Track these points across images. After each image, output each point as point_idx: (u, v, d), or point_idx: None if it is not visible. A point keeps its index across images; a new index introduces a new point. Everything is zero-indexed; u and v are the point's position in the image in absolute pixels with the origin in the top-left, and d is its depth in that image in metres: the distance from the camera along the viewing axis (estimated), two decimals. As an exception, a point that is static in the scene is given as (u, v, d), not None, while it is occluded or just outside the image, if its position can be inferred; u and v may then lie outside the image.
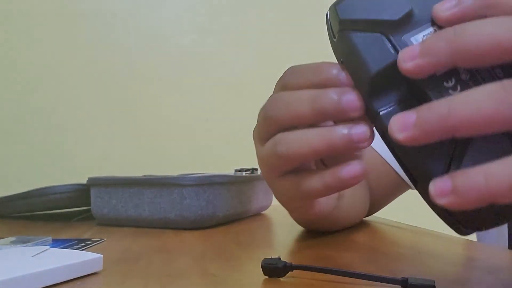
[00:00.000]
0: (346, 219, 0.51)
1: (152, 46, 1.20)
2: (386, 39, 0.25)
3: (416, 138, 0.21)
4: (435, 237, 0.48)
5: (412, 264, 0.34)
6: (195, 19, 1.23)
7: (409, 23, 0.25)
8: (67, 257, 0.30)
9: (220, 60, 1.22)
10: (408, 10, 0.25)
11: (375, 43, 0.25)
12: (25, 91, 1.15)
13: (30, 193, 0.61)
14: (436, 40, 0.22)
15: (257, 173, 0.67)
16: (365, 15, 0.26)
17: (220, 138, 1.19)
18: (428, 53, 0.22)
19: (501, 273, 0.32)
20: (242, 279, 0.29)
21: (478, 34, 0.21)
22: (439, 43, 0.22)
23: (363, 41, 0.26)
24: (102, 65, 1.18)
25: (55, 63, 1.16)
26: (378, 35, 0.25)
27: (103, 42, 1.18)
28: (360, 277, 0.27)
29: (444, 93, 0.23)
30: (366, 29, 0.26)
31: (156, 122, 1.19)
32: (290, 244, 0.44)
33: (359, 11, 0.26)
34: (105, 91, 1.18)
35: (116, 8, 1.19)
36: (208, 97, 1.21)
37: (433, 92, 0.23)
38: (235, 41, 1.22)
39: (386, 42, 0.25)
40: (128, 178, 0.56)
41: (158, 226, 0.55)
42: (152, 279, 0.30)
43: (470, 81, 0.23)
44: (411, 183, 0.27)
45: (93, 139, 1.16)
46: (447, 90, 0.23)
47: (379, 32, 0.26)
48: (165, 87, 1.20)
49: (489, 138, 0.22)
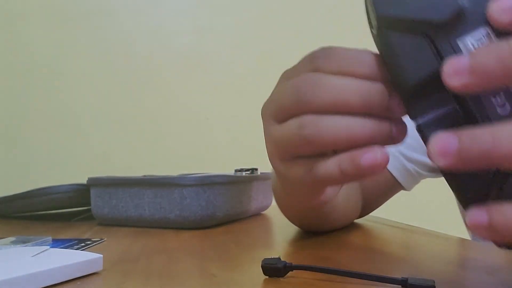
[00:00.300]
0: (339, 219, 0.51)
1: (152, 46, 1.20)
2: (431, 43, 0.22)
3: (456, 166, 0.20)
4: (435, 237, 0.48)
5: (411, 264, 0.34)
6: (195, 19, 1.23)
7: (458, 23, 0.21)
8: (67, 257, 0.30)
9: (220, 60, 1.22)
10: (458, 8, 0.21)
11: (417, 47, 0.22)
12: (25, 91, 1.15)
13: (30, 193, 0.61)
14: (488, 55, 0.19)
15: (257, 173, 0.67)
16: (407, 13, 0.22)
17: (220, 138, 1.19)
18: (479, 71, 0.19)
19: (500, 273, 0.32)
20: (242, 279, 0.29)
21: None
22: (491, 61, 0.19)
23: (403, 44, 0.23)
24: (102, 65, 1.18)
25: (55, 64, 1.16)
26: (421, 38, 0.22)
27: (103, 42, 1.18)
28: (360, 277, 0.27)
29: (490, 112, 0.21)
30: (407, 29, 0.22)
31: (157, 122, 1.19)
32: (290, 244, 0.44)
33: (399, 6, 0.22)
34: (105, 91, 1.18)
35: (116, 8, 1.19)
36: (208, 97, 1.21)
37: (479, 109, 0.21)
38: (235, 41, 1.22)
39: (430, 47, 0.22)
40: (128, 178, 0.56)
41: (158, 226, 0.55)
42: (152, 279, 0.30)
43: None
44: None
45: (93, 139, 1.16)
46: (495, 108, 0.21)
47: (422, 35, 0.22)
48: (166, 87, 1.20)
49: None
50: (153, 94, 1.19)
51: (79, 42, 1.17)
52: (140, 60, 1.20)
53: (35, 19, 1.16)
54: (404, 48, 0.23)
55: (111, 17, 1.19)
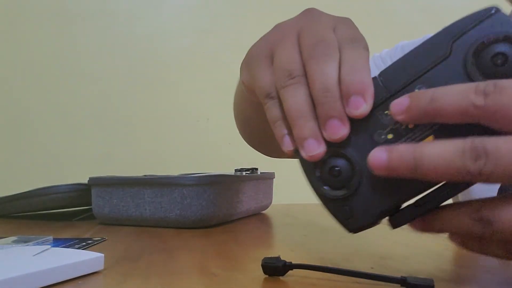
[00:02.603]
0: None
1: (152, 47, 1.20)
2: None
3: (387, 175, 0.25)
4: (434, 236, 0.48)
5: (411, 263, 0.34)
6: (196, 20, 1.23)
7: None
8: (68, 257, 0.31)
9: (221, 61, 1.22)
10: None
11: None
12: (25, 91, 1.15)
13: (31, 193, 0.62)
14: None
15: (257, 173, 0.67)
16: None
17: (221, 138, 1.20)
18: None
19: (499, 272, 0.32)
20: (242, 278, 0.29)
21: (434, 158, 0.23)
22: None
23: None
24: (103, 65, 1.18)
25: (56, 64, 1.16)
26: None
27: (104, 43, 1.19)
28: (359, 276, 0.27)
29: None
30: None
31: (157, 122, 1.19)
32: (289, 243, 0.44)
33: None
34: (106, 91, 1.18)
35: (116, 8, 1.20)
36: (209, 98, 1.21)
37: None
38: (235, 42, 1.22)
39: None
40: (129, 178, 0.56)
41: (159, 226, 0.55)
42: (153, 278, 0.30)
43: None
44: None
45: (94, 139, 1.16)
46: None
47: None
48: (166, 87, 1.20)
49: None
50: (154, 95, 1.19)
51: (79, 43, 1.17)
52: (140, 61, 1.20)
53: (35, 19, 1.16)
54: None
55: (112, 18, 1.19)
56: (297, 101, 0.28)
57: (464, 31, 0.26)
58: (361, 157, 0.27)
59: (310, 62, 0.28)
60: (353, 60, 0.27)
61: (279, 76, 0.29)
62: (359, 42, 0.29)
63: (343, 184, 0.27)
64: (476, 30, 0.25)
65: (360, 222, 0.27)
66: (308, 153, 0.27)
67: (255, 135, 0.55)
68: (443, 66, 0.26)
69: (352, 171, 0.27)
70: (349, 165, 0.27)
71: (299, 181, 1.13)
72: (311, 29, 0.30)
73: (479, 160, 0.21)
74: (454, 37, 0.26)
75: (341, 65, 0.28)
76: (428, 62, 0.26)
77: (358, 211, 0.27)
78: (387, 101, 0.27)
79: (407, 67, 0.27)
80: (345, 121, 0.27)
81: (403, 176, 0.24)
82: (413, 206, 0.26)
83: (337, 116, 0.27)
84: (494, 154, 0.21)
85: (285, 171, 1.00)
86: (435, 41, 0.26)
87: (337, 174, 0.27)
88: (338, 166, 0.27)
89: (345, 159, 0.27)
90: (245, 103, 0.51)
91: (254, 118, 0.51)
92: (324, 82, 0.27)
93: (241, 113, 0.53)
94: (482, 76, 0.25)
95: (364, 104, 0.26)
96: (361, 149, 0.27)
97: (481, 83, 0.23)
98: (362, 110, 0.26)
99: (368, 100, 0.26)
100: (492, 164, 0.21)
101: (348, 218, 0.27)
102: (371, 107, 0.26)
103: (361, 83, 0.26)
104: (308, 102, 0.28)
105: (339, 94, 0.27)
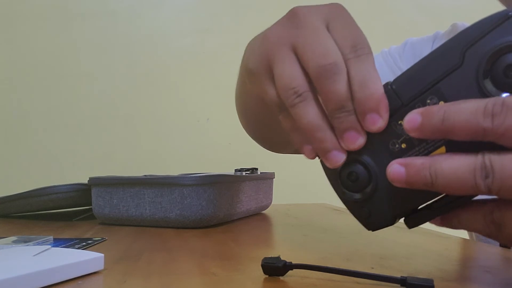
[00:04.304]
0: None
1: (153, 47, 1.20)
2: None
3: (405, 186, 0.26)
4: (434, 237, 0.48)
5: (411, 263, 0.34)
6: (195, 19, 1.23)
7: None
8: (69, 256, 0.31)
9: (221, 61, 1.22)
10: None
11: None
12: (25, 91, 1.15)
13: (31, 193, 0.62)
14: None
15: (257, 173, 0.67)
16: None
17: (221, 138, 1.20)
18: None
19: (499, 272, 0.32)
20: (242, 278, 0.29)
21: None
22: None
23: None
24: (103, 65, 1.18)
25: (55, 63, 1.16)
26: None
27: (104, 43, 1.19)
28: (359, 276, 0.27)
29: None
30: None
31: (157, 122, 1.19)
32: (289, 243, 0.44)
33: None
34: (106, 91, 1.18)
35: (116, 8, 1.20)
36: (209, 98, 1.21)
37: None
38: (235, 42, 1.22)
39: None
40: (129, 178, 0.56)
41: (159, 226, 0.55)
42: (153, 278, 0.30)
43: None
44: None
45: (94, 139, 1.16)
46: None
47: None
48: (166, 87, 1.20)
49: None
50: (154, 95, 1.19)
51: (79, 43, 1.17)
52: (140, 61, 1.20)
53: (34, 18, 1.16)
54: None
55: (112, 18, 1.19)
56: (310, 118, 0.29)
57: (476, 39, 0.25)
58: (377, 164, 0.28)
59: (319, 82, 0.28)
60: (361, 74, 0.27)
61: (285, 96, 0.29)
62: (361, 47, 0.28)
63: (360, 188, 0.29)
64: (489, 38, 0.25)
65: (378, 223, 0.29)
66: (331, 164, 0.29)
67: (258, 128, 0.55)
68: (455, 76, 0.26)
69: (368, 177, 0.28)
70: (365, 171, 0.28)
71: (299, 181, 1.15)
72: (307, 41, 0.29)
73: (488, 178, 0.23)
74: (466, 45, 0.25)
75: (350, 81, 0.28)
76: (441, 71, 0.26)
77: (376, 213, 0.29)
78: (400, 110, 0.27)
79: (420, 76, 0.27)
80: (361, 131, 0.28)
81: (420, 188, 0.25)
82: (428, 209, 0.27)
83: (354, 127, 0.28)
84: (499, 174, 0.23)
85: (285, 171, 1.00)
86: (448, 48, 0.26)
87: (355, 179, 0.29)
88: (355, 171, 0.29)
89: (362, 166, 0.29)
90: (248, 97, 0.50)
91: (257, 112, 0.50)
92: (337, 101, 0.28)
93: (244, 106, 0.53)
94: (495, 88, 0.25)
95: (380, 119, 0.27)
96: (377, 157, 0.28)
97: (490, 102, 0.23)
98: (379, 126, 0.27)
99: (383, 115, 0.27)
100: (498, 182, 0.23)
101: (366, 218, 0.29)
102: (387, 121, 0.27)
103: (374, 99, 0.27)
104: (321, 116, 0.29)
105: (353, 108, 0.28)
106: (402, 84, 0.27)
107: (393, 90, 0.27)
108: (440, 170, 0.24)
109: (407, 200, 0.28)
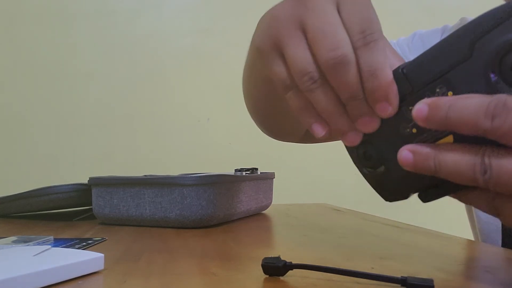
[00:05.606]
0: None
1: (153, 47, 1.20)
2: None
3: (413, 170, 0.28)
4: (434, 237, 0.48)
5: (411, 263, 0.34)
6: (195, 19, 1.23)
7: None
8: (69, 256, 0.31)
9: (221, 60, 1.22)
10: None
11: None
12: (25, 91, 1.15)
13: (31, 193, 0.62)
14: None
15: (257, 173, 0.67)
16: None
17: (221, 138, 1.20)
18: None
19: (499, 272, 0.32)
20: (242, 278, 0.30)
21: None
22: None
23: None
24: (103, 65, 1.18)
25: (55, 63, 1.16)
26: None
27: (104, 43, 1.19)
28: (360, 276, 0.27)
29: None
30: None
31: (157, 122, 1.19)
32: (290, 243, 0.44)
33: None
34: (106, 91, 1.18)
35: (116, 8, 1.20)
36: (209, 98, 1.21)
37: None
38: (235, 42, 1.22)
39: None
40: (129, 178, 0.56)
41: (159, 226, 0.55)
42: (153, 278, 0.30)
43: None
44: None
45: (94, 139, 1.16)
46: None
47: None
48: (166, 87, 1.20)
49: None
50: (154, 95, 1.19)
51: (79, 43, 1.17)
52: (140, 60, 1.20)
53: (34, 18, 1.16)
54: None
55: (112, 18, 1.19)
56: (326, 103, 0.30)
57: (486, 30, 0.25)
58: (388, 145, 0.30)
59: (330, 74, 0.29)
60: (369, 64, 0.28)
61: (301, 81, 0.30)
62: (370, 32, 0.28)
63: (374, 166, 0.31)
64: (498, 31, 0.25)
65: (392, 197, 0.32)
66: (349, 143, 0.31)
67: (263, 112, 0.54)
68: (464, 67, 0.26)
69: (381, 157, 0.31)
70: (378, 151, 0.31)
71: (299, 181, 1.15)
72: (316, 25, 0.29)
73: (486, 174, 0.25)
74: (476, 37, 0.25)
75: (360, 70, 0.28)
76: (451, 61, 0.26)
77: (390, 187, 0.31)
78: (411, 96, 0.28)
79: (430, 64, 0.27)
80: (374, 116, 0.29)
81: (427, 174, 0.27)
82: (438, 188, 0.29)
83: (367, 113, 0.29)
84: (497, 171, 0.24)
85: (285, 171, 1.00)
86: (457, 38, 0.26)
87: (369, 157, 0.31)
88: (369, 151, 0.31)
89: (375, 146, 0.31)
90: (255, 77, 0.49)
91: (264, 93, 0.50)
92: (349, 91, 0.29)
93: (251, 88, 0.51)
94: (503, 83, 0.25)
95: (390, 107, 0.28)
96: (389, 138, 0.30)
97: (492, 101, 0.24)
98: (389, 113, 0.29)
99: (393, 102, 0.28)
100: (495, 179, 0.24)
101: (382, 191, 0.32)
102: (397, 107, 0.28)
103: (383, 88, 0.28)
104: (338, 101, 0.30)
105: (364, 96, 0.29)
106: (413, 70, 0.28)
107: (404, 74, 0.28)
108: (443, 162, 0.26)
109: (418, 179, 0.29)
